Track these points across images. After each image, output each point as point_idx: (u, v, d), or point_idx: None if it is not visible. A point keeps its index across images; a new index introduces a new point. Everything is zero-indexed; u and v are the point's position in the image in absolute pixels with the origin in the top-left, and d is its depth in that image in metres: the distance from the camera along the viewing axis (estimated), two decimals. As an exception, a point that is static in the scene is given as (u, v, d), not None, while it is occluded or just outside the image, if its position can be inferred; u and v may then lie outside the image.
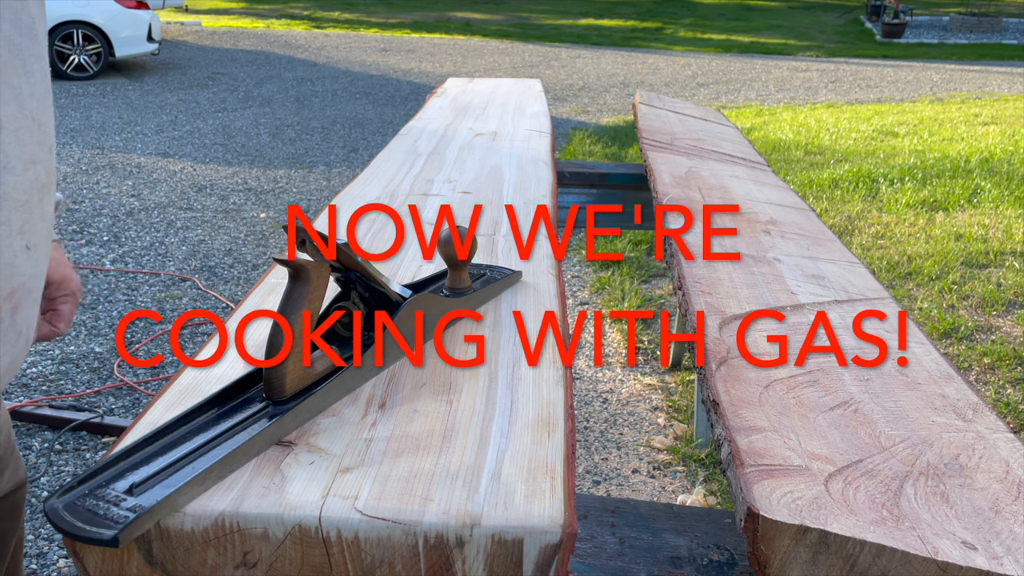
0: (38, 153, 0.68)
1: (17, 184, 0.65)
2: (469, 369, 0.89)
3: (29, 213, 0.67)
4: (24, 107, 0.65)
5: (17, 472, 0.87)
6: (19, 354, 0.70)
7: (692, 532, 0.96)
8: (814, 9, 19.26)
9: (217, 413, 0.76)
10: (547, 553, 0.64)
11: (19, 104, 0.65)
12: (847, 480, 0.78)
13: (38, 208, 0.69)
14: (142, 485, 0.66)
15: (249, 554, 0.66)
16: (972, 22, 15.83)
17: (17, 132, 0.65)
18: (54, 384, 2.84)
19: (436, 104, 2.60)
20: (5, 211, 0.64)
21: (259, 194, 5.13)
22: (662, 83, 10.17)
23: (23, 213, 0.66)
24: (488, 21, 16.22)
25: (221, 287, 3.70)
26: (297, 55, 11.37)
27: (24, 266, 0.67)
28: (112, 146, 6.18)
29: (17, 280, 0.67)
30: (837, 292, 1.30)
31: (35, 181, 0.67)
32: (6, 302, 0.66)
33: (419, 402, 0.82)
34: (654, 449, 2.58)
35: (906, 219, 4.64)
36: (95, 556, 0.66)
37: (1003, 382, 2.93)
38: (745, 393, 0.93)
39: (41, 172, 0.68)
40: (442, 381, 0.86)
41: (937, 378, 1.02)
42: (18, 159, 0.65)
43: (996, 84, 10.48)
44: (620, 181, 2.54)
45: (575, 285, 3.92)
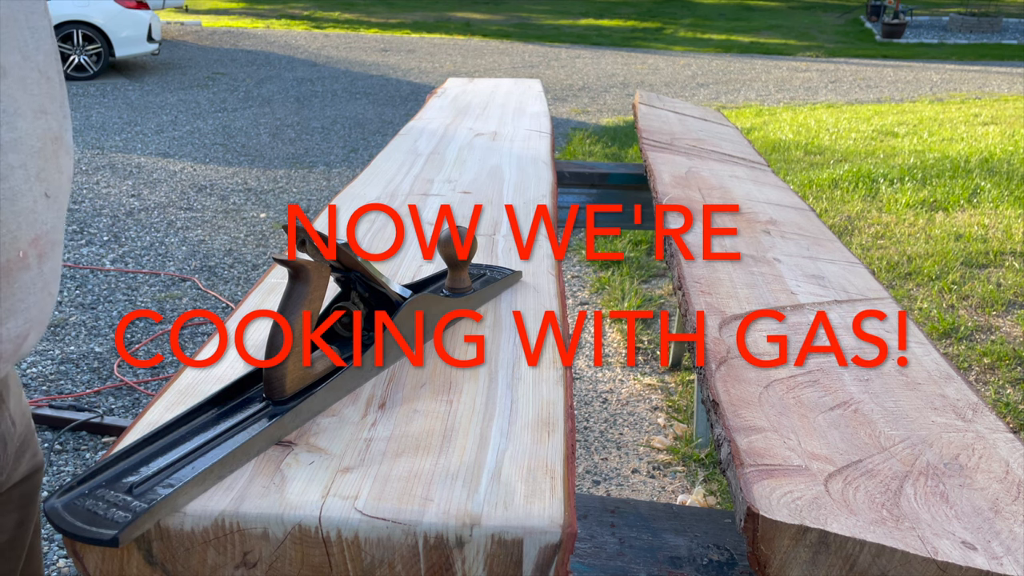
0: (48, 104, 0.68)
1: (30, 130, 0.66)
2: (469, 369, 0.89)
3: (45, 160, 0.68)
4: (29, 58, 0.66)
5: (36, 456, 0.88)
6: (47, 308, 0.71)
7: (692, 532, 0.96)
8: (814, 9, 19.26)
9: (217, 413, 0.76)
10: (547, 553, 0.64)
11: (23, 55, 0.66)
12: (847, 480, 0.78)
13: (53, 159, 0.69)
14: (142, 485, 0.66)
15: (249, 554, 0.66)
16: (972, 22, 15.83)
17: (24, 81, 0.65)
18: (54, 384, 2.84)
19: (436, 104, 2.60)
20: (22, 154, 0.65)
21: (259, 194, 5.13)
22: (662, 83, 10.17)
23: (39, 160, 0.67)
24: (488, 21, 16.23)
25: (221, 287, 3.71)
26: (297, 55, 11.37)
27: (46, 214, 0.68)
28: (112, 146, 6.18)
29: (40, 227, 0.68)
30: (837, 292, 1.30)
31: (47, 131, 0.68)
32: (32, 248, 0.67)
33: (419, 402, 0.82)
34: (654, 449, 2.58)
35: (906, 219, 4.64)
36: (95, 556, 0.66)
37: (1003, 382, 2.93)
38: (745, 393, 0.93)
39: (52, 123, 0.69)
40: (442, 381, 0.86)
41: (937, 378, 1.02)
42: (27, 106, 0.66)
43: (996, 84, 10.48)
44: (620, 181, 2.54)
45: (575, 285, 3.92)
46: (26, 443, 0.85)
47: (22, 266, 0.67)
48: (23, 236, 0.67)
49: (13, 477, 0.84)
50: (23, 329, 0.69)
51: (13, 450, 0.82)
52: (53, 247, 0.70)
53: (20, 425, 0.83)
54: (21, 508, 0.86)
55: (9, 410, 0.79)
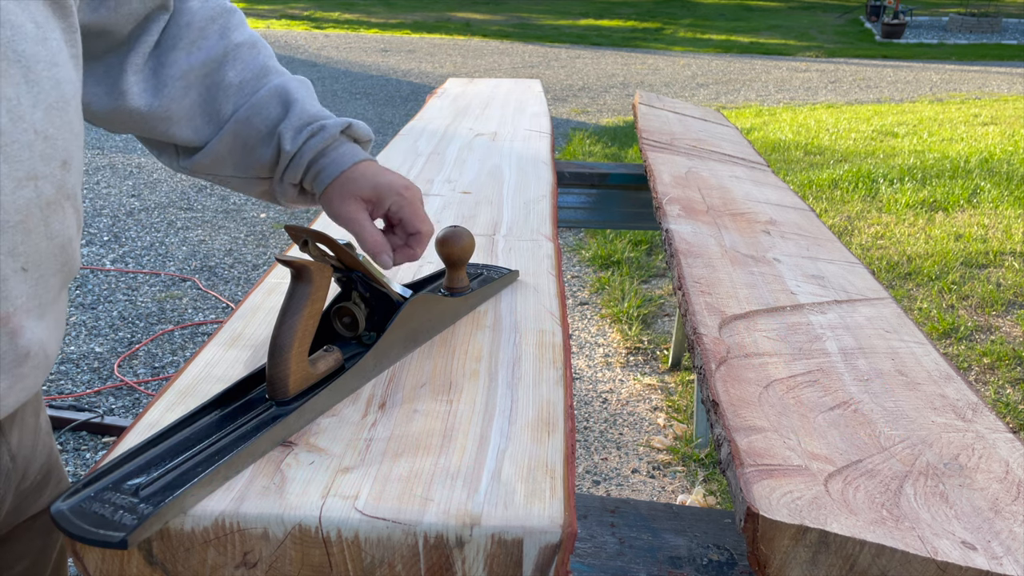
0: (41, 168, 0.63)
1: (10, 204, 0.61)
2: (469, 369, 0.89)
3: (26, 234, 0.63)
4: (21, 120, 0.61)
5: (60, 483, 0.86)
6: (23, 376, 0.67)
7: (692, 532, 0.96)
8: (814, 9, 19.27)
9: (220, 415, 0.76)
10: (547, 553, 0.65)
11: (13, 118, 0.60)
12: (847, 480, 0.78)
13: (41, 226, 0.64)
14: (148, 487, 0.66)
15: (249, 554, 0.66)
16: (972, 22, 15.84)
17: (9, 148, 0.60)
18: (54, 384, 2.84)
19: (436, 104, 2.60)
20: None
21: (259, 194, 5.13)
22: (662, 83, 10.17)
23: (17, 235, 0.62)
24: (488, 21, 16.23)
25: (221, 287, 3.71)
26: (297, 55, 11.37)
27: (19, 288, 0.64)
28: (112, 146, 6.18)
29: (12, 304, 0.63)
30: (837, 292, 1.30)
31: (35, 199, 0.63)
32: (3, 325, 0.63)
33: (419, 402, 0.82)
34: (654, 449, 2.58)
35: (906, 219, 4.64)
36: (95, 556, 0.66)
37: (1003, 382, 2.94)
38: (745, 393, 0.93)
39: (46, 187, 0.64)
40: (442, 381, 0.86)
41: (937, 378, 1.02)
42: (9, 177, 0.61)
43: (996, 84, 10.48)
44: (620, 181, 2.54)
45: (575, 285, 3.92)
46: (50, 473, 0.84)
47: None
48: None
49: (38, 504, 0.83)
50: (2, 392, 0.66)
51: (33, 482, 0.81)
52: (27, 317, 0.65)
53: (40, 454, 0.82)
54: (44, 536, 0.86)
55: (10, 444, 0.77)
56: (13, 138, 0.61)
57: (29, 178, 0.62)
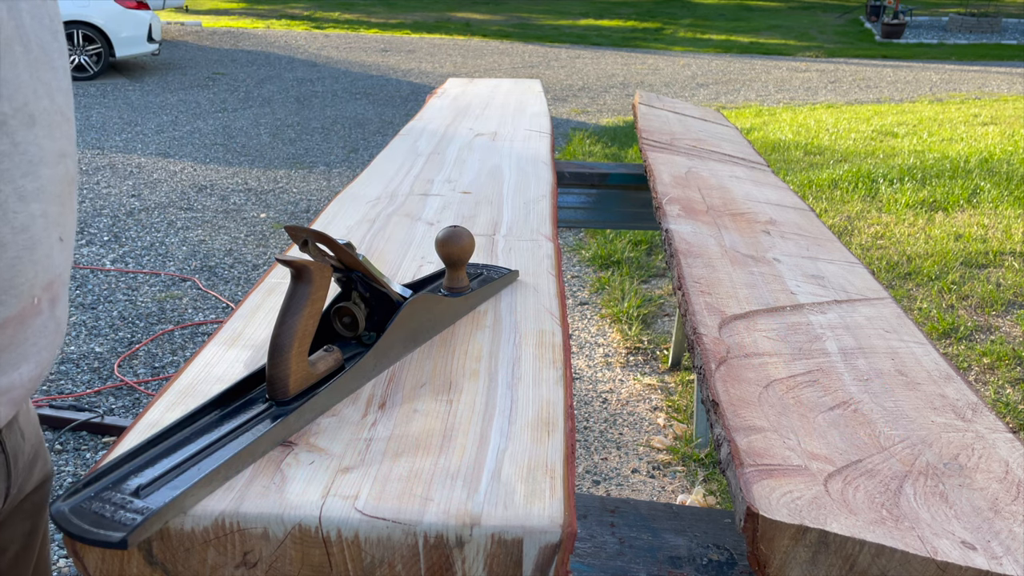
0: (67, 147, 0.69)
1: (52, 176, 0.67)
2: (469, 369, 0.89)
3: (62, 205, 0.69)
4: (54, 101, 0.67)
5: (46, 466, 0.88)
6: (57, 345, 0.72)
7: (692, 532, 0.96)
8: (814, 9, 19.26)
9: (220, 414, 0.76)
10: (547, 553, 0.65)
11: (50, 99, 0.66)
12: (846, 480, 0.78)
13: (69, 201, 0.71)
14: (148, 487, 0.66)
15: (249, 554, 0.66)
16: (971, 22, 15.84)
17: (50, 126, 0.66)
18: (54, 384, 2.84)
19: (436, 104, 2.60)
20: (44, 203, 0.66)
21: (259, 194, 5.13)
22: (662, 83, 10.17)
23: (57, 206, 0.68)
24: (488, 21, 16.23)
25: (221, 287, 3.71)
26: (297, 55, 11.37)
27: (59, 258, 0.69)
28: (112, 146, 6.18)
29: (54, 271, 0.69)
30: (837, 292, 1.30)
31: (66, 174, 0.69)
32: (45, 293, 0.68)
33: (419, 402, 0.82)
34: (654, 449, 2.58)
35: (905, 219, 4.64)
36: (95, 556, 0.66)
37: (1003, 382, 2.94)
38: (745, 393, 0.93)
39: (71, 165, 0.70)
40: (442, 381, 0.86)
41: (936, 378, 1.02)
42: (51, 152, 0.66)
43: (996, 84, 10.48)
44: (620, 181, 2.54)
45: (575, 285, 3.92)
46: (37, 454, 0.85)
47: (35, 312, 0.68)
48: (38, 283, 0.67)
49: (25, 488, 0.84)
50: (35, 372, 0.70)
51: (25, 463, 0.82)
52: (63, 288, 0.71)
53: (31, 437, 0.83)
54: (32, 517, 0.87)
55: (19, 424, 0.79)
56: (51, 118, 0.66)
57: (61, 155, 0.68)
